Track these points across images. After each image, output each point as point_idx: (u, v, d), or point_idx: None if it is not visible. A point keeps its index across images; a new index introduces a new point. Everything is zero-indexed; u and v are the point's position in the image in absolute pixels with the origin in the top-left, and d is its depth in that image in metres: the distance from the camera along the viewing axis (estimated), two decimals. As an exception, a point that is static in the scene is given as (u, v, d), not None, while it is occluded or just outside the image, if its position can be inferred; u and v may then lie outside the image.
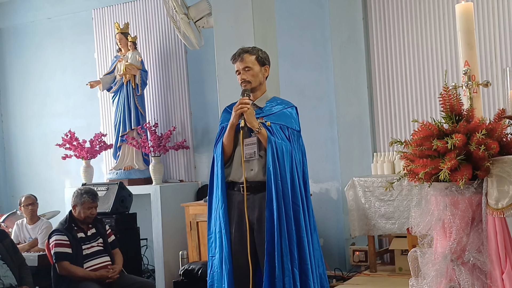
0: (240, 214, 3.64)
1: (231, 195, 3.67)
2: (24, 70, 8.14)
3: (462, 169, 2.42)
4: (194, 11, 6.31)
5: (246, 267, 3.57)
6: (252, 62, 3.71)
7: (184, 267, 5.75)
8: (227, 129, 3.67)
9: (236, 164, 3.69)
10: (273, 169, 3.55)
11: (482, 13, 5.55)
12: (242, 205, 3.62)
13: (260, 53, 3.77)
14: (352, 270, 5.90)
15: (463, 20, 2.71)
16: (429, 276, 2.57)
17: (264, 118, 3.69)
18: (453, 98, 2.57)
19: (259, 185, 3.62)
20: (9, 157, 8.28)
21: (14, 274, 4.76)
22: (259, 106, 3.76)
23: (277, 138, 3.62)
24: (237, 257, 3.61)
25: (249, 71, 3.71)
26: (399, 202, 5.38)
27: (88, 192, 5.12)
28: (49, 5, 7.89)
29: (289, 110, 3.79)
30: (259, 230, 3.60)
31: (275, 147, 3.57)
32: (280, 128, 3.68)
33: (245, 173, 3.59)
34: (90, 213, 5.08)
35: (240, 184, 3.65)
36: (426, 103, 5.85)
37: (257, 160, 3.63)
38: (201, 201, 6.29)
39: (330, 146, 6.27)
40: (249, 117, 3.60)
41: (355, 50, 6.09)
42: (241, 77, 3.72)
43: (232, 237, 3.63)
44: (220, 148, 3.69)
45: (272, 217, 3.53)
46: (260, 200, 3.61)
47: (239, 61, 3.72)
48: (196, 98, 7.01)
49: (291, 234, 3.56)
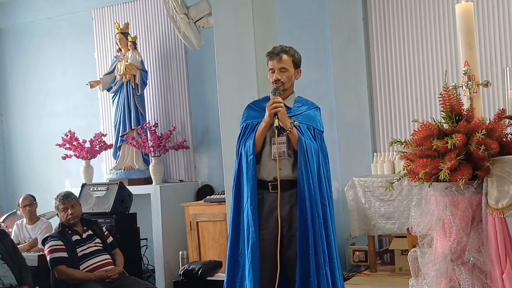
0: (268, 212, 3.65)
1: (258, 194, 3.67)
2: (24, 70, 8.14)
3: (462, 169, 2.42)
4: (194, 11, 6.31)
5: (272, 265, 3.58)
6: (289, 64, 3.72)
7: (184, 267, 5.75)
8: (262, 127, 3.65)
9: (264, 162, 3.69)
10: (305, 168, 3.57)
11: (482, 13, 5.55)
12: (272, 203, 3.63)
13: (296, 55, 3.78)
14: (352, 270, 5.90)
15: (463, 20, 2.71)
16: (429, 276, 2.57)
17: (292, 118, 3.70)
18: (453, 98, 2.58)
19: (288, 183, 3.63)
20: (9, 157, 8.28)
21: (14, 274, 4.75)
22: (288, 106, 3.75)
23: (307, 139, 3.65)
24: (263, 255, 3.60)
25: (284, 72, 3.71)
26: (399, 202, 5.38)
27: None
28: (49, 5, 7.89)
29: (314, 111, 3.82)
30: (289, 228, 3.62)
31: (305, 147, 3.60)
32: (307, 128, 3.71)
33: (279, 172, 3.59)
34: (69, 215, 5.01)
35: (269, 182, 3.65)
36: (426, 103, 5.85)
37: (287, 159, 3.65)
38: (201, 201, 6.30)
39: (330, 146, 6.21)
40: (283, 116, 3.59)
41: (355, 50, 6.09)
42: (275, 76, 3.70)
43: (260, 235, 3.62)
44: (252, 146, 3.66)
45: (305, 216, 3.55)
46: (289, 198, 3.62)
47: (276, 60, 3.70)
48: (196, 98, 7.01)
49: (322, 233, 3.60)
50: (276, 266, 3.56)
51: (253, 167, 3.65)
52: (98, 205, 6.23)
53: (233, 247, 3.74)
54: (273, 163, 3.64)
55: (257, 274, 3.56)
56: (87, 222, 5.18)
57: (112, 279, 4.90)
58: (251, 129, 3.73)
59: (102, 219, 5.98)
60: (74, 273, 4.84)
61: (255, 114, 3.75)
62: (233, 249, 3.74)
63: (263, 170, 3.68)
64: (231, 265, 3.74)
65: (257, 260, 3.57)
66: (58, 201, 5.08)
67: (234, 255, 3.73)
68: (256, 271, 3.56)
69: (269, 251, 3.61)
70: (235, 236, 3.74)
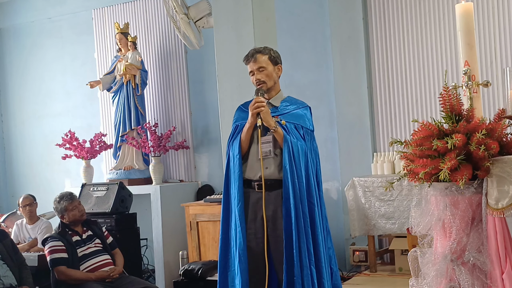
0: (254, 212, 3.65)
1: (245, 193, 3.68)
2: (24, 70, 8.14)
3: (462, 169, 2.42)
4: (194, 11, 6.32)
5: (261, 264, 3.58)
6: (266, 62, 3.73)
7: (184, 267, 5.75)
8: (246, 128, 3.68)
9: (251, 162, 3.71)
10: (290, 167, 3.57)
11: (482, 13, 5.55)
12: (257, 202, 3.64)
13: (272, 52, 3.79)
14: (352, 270, 5.90)
15: (463, 20, 2.71)
16: (429, 276, 2.57)
17: (279, 117, 3.71)
18: (453, 98, 2.57)
19: (274, 183, 3.63)
20: (9, 157, 8.28)
21: (14, 274, 4.75)
22: (274, 105, 3.77)
23: (293, 137, 3.65)
24: (251, 255, 3.61)
25: (263, 71, 3.72)
26: (399, 202, 5.38)
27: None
28: (49, 5, 7.89)
29: (303, 110, 3.81)
30: (273, 228, 3.61)
31: (291, 146, 3.60)
32: (295, 127, 3.71)
33: (263, 171, 3.60)
34: (80, 211, 5.07)
35: (255, 181, 3.66)
36: (426, 103, 5.85)
37: (273, 158, 3.65)
38: (201, 201, 6.29)
39: (330, 146, 6.27)
40: (266, 116, 3.61)
41: (355, 50, 6.09)
42: (255, 77, 3.73)
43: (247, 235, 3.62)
44: (238, 146, 3.69)
45: (289, 216, 3.55)
46: (275, 198, 3.62)
47: (252, 61, 3.73)
48: (196, 98, 7.01)
49: (308, 232, 3.58)
50: (265, 266, 3.56)
51: (239, 167, 3.67)
52: (98, 205, 6.23)
53: (224, 248, 3.75)
54: (259, 162, 3.65)
55: (245, 274, 3.57)
56: (87, 223, 5.18)
57: (112, 279, 4.90)
58: (240, 130, 3.75)
59: (102, 219, 5.98)
60: (74, 273, 4.84)
61: (244, 115, 3.76)
62: (223, 250, 3.75)
63: (250, 170, 3.70)
64: (222, 266, 3.75)
65: (245, 261, 3.58)
66: (65, 202, 5.05)
67: (225, 256, 3.74)
68: (244, 271, 3.57)
69: (257, 251, 3.61)
70: (225, 237, 3.75)
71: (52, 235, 5.02)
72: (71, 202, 5.06)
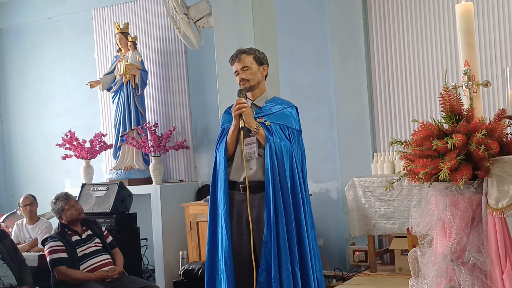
0: (239, 214, 3.64)
1: (231, 195, 3.67)
2: (24, 70, 8.14)
3: (462, 169, 2.42)
4: (194, 11, 6.32)
5: (247, 267, 3.56)
6: (250, 62, 3.74)
7: (184, 267, 5.76)
8: (231, 131, 3.68)
9: (236, 164, 3.70)
10: (271, 169, 3.56)
11: (482, 13, 5.55)
12: (241, 204, 3.63)
13: (258, 52, 3.80)
14: (352, 270, 5.90)
15: (463, 20, 2.71)
16: (429, 276, 2.56)
17: (263, 118, 3.70)
18: (453, 98, 2.57)
19: (258, 184, 3.62)
20: (9, 157, 8.28)
21: (14, 274, 4.75)
22: (259, 105, 3.77)
23: (276, 138, 3.63)
24: (237, 258, 3.60)
25: (247, 70, 3.73)
26: (399, 202, 5.38)
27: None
28: (49, 5, 7.89)
29: (289, 110, 3.80)
30: (257, 230, 3.59)
31: (273, 147, 3.58)
32: (280, 128, 3.69)
33: (247, 173, 3.60)
34: (77, 210, 5.08)
35: (240, 183, 3.65)
36: (426, 103, 5.85)
37: (256, 159, 3.65)
38: (201, 201, 6.29)
39: (330, 146, 6.27)
40: (247, 117, 3.61)
41: (355, 50, 6.09)
42: (239, 76, 3.74)
43: (232, 237, 3.61)
44: (223, 149, 3.70)
45: (270, 218, 3.53)
46: (259, 200, 3.61)
47: (236, 61, 3.75)
48: (196, 98, 7.01)
49: (291, 233, 3.56)
50: (252, 269, 3.54)
51: (225, 170, 3.67)
52: (98, 205, 6.23)
53: (211, 251, 3.74)
54: (243, 164, 3.64)
55: (231, 277, 3.56)
56: (86, 222, 5.18)
57: (112, 279, 4.90)
58: (227, 132, 3.75)
59: (102, 219, 5.98)
60: (74, 273, 4.83)
61: (230, 118, 3.74)
62: (211, 253, 3.74)
63: (235, 171, 3.69)
64: (209, 269, 3.73)
65: (230, 263, 3.57)
66: (61, 202, 5.06)
67: (212, 259, 3.73)
68: (230, 274, 3.56)
69: (242, 254, 3.59)
70: (212, 240, 3.74)
71: (51, 235, 5.02)
72: (67, 202, 5.06)
